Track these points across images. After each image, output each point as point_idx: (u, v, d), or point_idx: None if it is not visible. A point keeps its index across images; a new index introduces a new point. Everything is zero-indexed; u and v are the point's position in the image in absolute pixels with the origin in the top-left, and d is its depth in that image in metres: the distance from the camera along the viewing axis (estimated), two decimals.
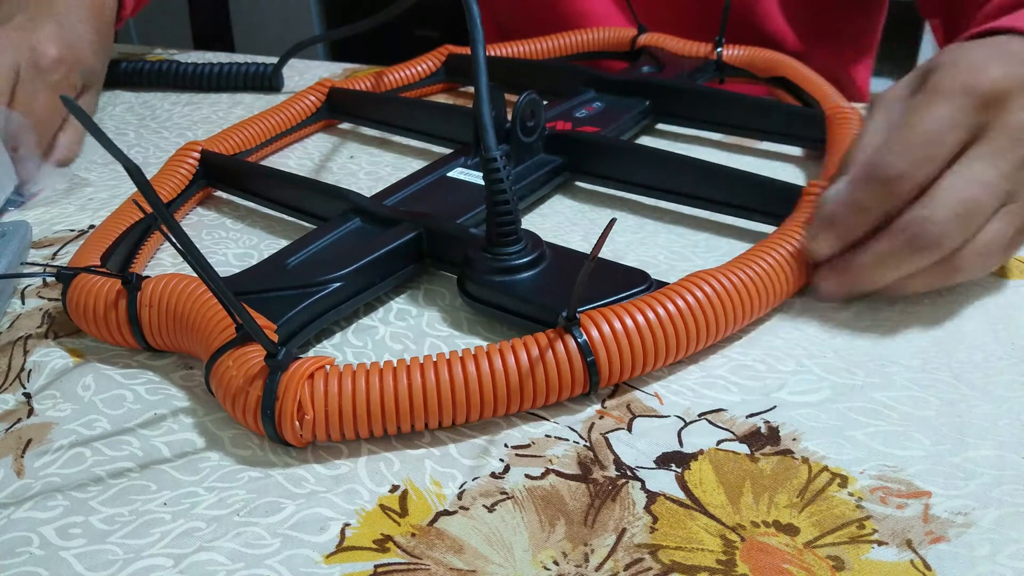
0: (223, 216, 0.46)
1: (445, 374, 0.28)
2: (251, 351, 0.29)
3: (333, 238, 0.38)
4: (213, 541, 0.25)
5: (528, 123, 0.44)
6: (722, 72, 0.60)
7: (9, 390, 0.32)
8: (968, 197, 0.31)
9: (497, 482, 0.27)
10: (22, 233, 0.42)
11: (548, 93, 0.50)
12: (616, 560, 0.24)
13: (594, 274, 0.28)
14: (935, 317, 0.34)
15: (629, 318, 0.30)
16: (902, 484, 0.26)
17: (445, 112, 0.53)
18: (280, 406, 0.27)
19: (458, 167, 0.45)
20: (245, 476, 0.28)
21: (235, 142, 0.50)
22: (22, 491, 0.28)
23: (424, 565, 0.24)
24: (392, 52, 0.73)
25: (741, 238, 0.41)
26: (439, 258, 0.38)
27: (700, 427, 0.29)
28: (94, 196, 0.49)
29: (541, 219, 0.44)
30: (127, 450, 0.29)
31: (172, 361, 0.34)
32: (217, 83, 0.66)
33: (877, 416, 0.29)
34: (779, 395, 0.30)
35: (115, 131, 0.59)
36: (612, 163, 0.45)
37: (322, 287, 0.34)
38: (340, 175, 0.51)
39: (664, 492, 0.26)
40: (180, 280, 0.33)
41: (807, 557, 0.24)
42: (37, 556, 0.25)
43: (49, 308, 0.38)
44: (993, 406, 0.29)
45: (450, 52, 0.63)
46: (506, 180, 0.33)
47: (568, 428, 0.29)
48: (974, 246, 0.32)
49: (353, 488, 0.27)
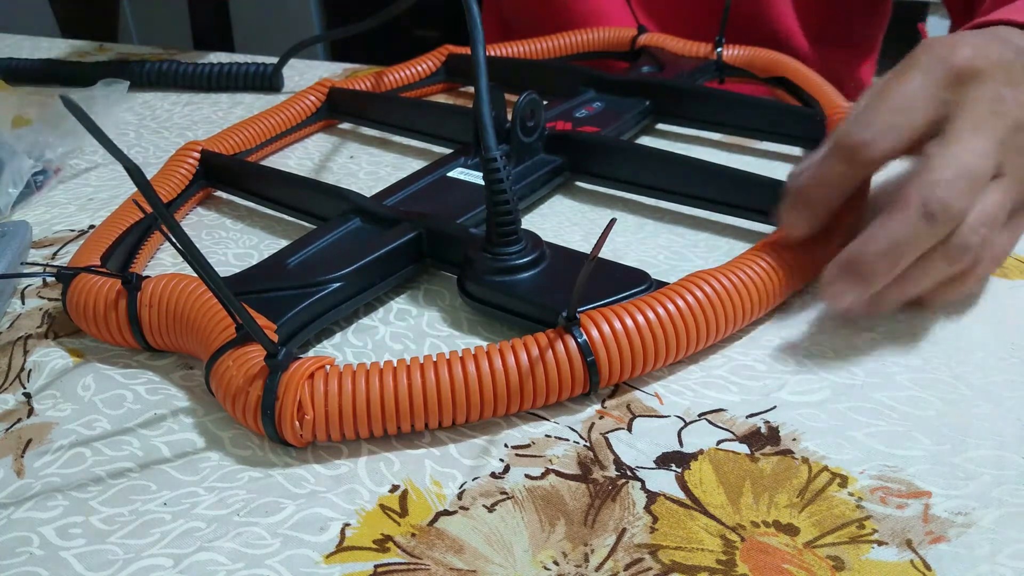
0: (223, 216, 0.46)
1: (445, 374, 0.28)
2: (251, 351, 0.29)
3: (333, 238, 0.38)
4: (213, 541, 0.25)
5: (528, 123, 0.44)
6: (722, 72, 0.60)
7: (9, 390, 0.32)
8: (966, 162, 0.30)
9: (497, 482, 0.27)
10: (22, 233, 0.42)
11: (548, 93, 0.50)
12: (616, 560, 0.24)
13: (594, 274, 0.28)
14: (935, 317, 0.34)
15: (629, 318, 0.30)
16: (902, 484, 0.26)
17: (445, 112, 0.53)
18: (280, 406, 0.27)
19: (458, 167, 0.45)
20: (245, 476, 0.28)
21: (235, 142, 0.50)
22: (22, 491, 0.28)
23: (424, 565, 0.24)
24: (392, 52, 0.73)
25: (741, 238, 0.41)
26: (439, 258, 0.38)
27: (700, 427, 0.29)
28: (94, 196, 0.49)
29: (541, 219, 0.44)
30: (127, 450, 0.29)
31: (172, 361, 0.34)
32: (217, 83, 0.66)
33: (877, 416, 0.29)
34: (779, 395, 0.30)
35: (115, 131, 0.59)
36: (612, 163, 0.45)
37: (322, 287, 0.34)
38: (340, 175, 0.51)
39: (664, 492, 0.26)
40: (180, 280, 0.33)
41: (807, 557, 0.24)
42: (37, 556, 0.25)
43: (49, 308, 0.38)
44: (993, 406, 0.29)
45: (450, 52, 0.63)
46: (506, 180, 0.33)
47: (568, 428, 0.29)
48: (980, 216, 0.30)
49: (353, 488, 0.27)
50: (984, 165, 0.31)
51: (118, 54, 0.80)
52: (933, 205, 0.29)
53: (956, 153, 0.30)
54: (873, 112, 0.32)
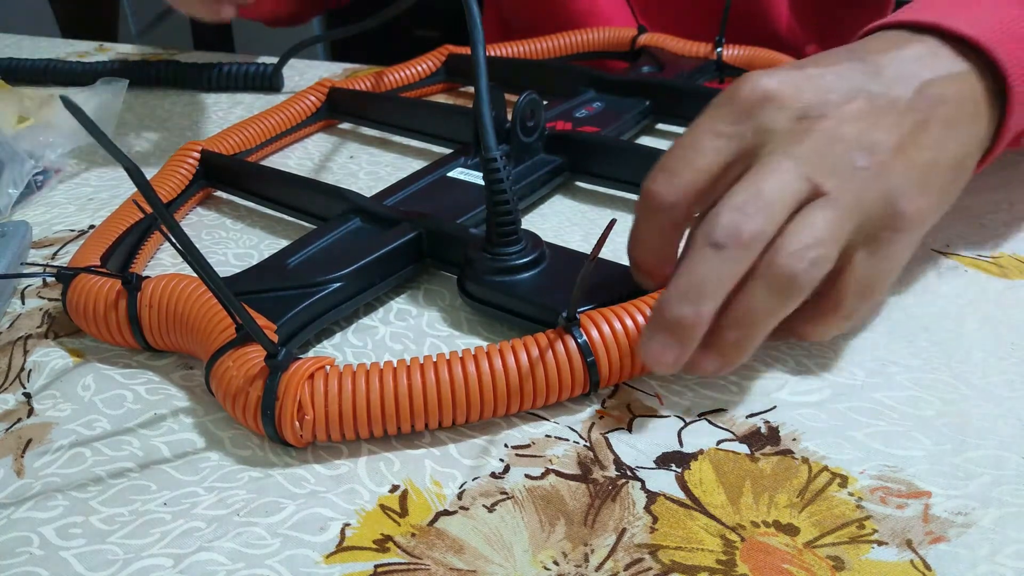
0: (223, 216, 0.46)
1: (445, 374, 0.28)
2: (251, 351, 0.29)
3: (333, 238, 0.38)
4: (213, 541, 0.25)
5: (528, 123, 0.44)
6: (722, 72, 0.60)
7: (9, 390, 0.32)
8: (759, 186, 0.28)
9: (497, 482, 0.27)
10: (22, 233, 0.42)
11: (548, 93, 0.50)
12: (616, 560, 0.24)
13: (594, 274, 0.28)
14: (935, 317, 0.34)
15: (629, 318, 0.30)
16: (902, 484, 0.26)
17: (445, 112, 0.53)
18: (280, 406, 0.27)
19: (458, 167, 0.45)
20: (245, 476, 0.28)
21: (235, 142, 0.50)
22: (22, 491, 0.28)
23: (424, 565, 0.24)
24: (392, 52, 0.73)
25: None
26: (439, 258, 0.38)
27: (700, 427, 0.29)
28: (94, 196, 0.49)
29: (541, 219, 0.44)
30: (127, 450, 0.29)
31: (172, 361, 0.34)
32: (217, 83, 0.66)
33: (877, 416, 0.29)
34: (779, 395, 0.30)
35: (115, 131, 0.58)
36: (612, 163, 0.45)
37: (322, 287, 0.34)
38: (340, 175, 0.51)
39: (664, 492, 0.26)
40: (180, 280, 0.33)
41: (807, 557, 0.24)
42: (37, 556, 0.25)
43: (49, 308, 0.38)
44: (993, 406, 0.29)
45: (450, 52, 0.63)
46: (506, 180, 0.33)
47: (568, 428, 0.29)
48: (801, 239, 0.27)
49: (353, 488, 0.27)
50: (779, 184, 0.28)
51: (118, 54, 0.80)
52: (717, 233, 0.27)
53: (749, 180, 0.28)
54: (663, 161, 0.30)
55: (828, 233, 0.28)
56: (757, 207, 0.27)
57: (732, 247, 0.27)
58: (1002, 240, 0.40)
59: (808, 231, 0.27)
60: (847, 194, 0.28)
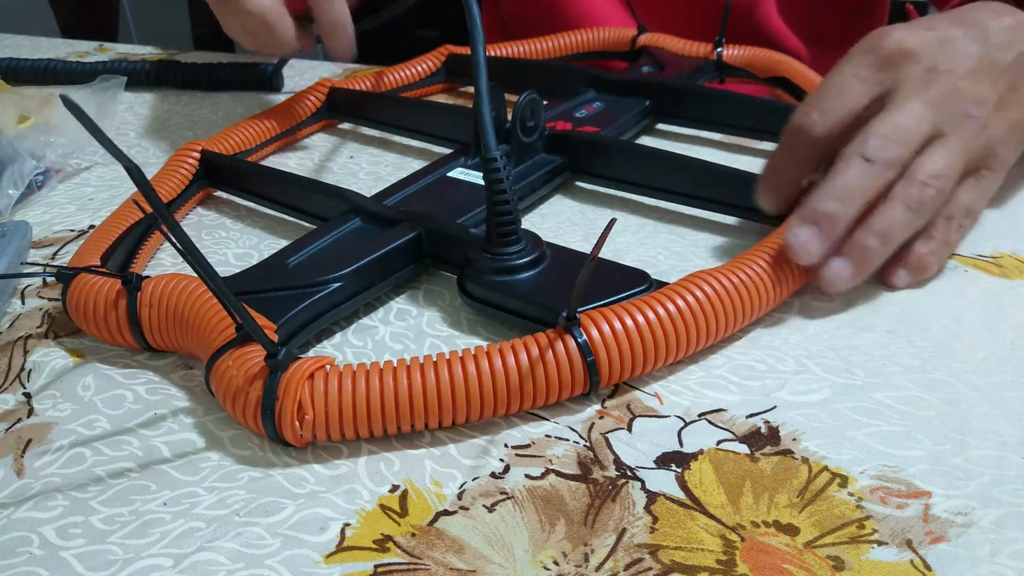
0: (223, 216, 0.46)
1: (445, 374, 0.28)
2: (251, 351, 0.29)
3: (333, 238, 0.38)
4: (213, 541, 0.25)
5: (528, 123, 0.44)
6: (722, 72, 0.60)
7: (9, 390, 0.32)
8: (898, 120, 0.34)
9: (497, 482, 0.27)
10: (22, 233, 0.42)
11: (548, 93, 0.50)
12: (616, 560, 0.24)
13: (594, 274, 0.28)
14: (935, 317, 0.34)
15: (629, 318, 0.30)
16: (902, 484, 0.26)
17: (445, 112, 0.53)
18: (280, 406, 0.27)
19: (458, 167, 0.45)
20: (245, 476, 0.28)
21: (235, 142, 0.50)
22: (22, 491, 0.28)
23: (424, 565, 0.24)
24: (392, 52, 0.73)
25: (741, 238, 0.41)
26: (439, 258, 0.38)
27: (700, 427, 0.29)
28: (94, 196, 0.49)
29: (541, 219, 0.44)
30: (127, 450, 0.29)
31: (172, 361, 0.34)
32: (217, 83, 0.66)
33: (877, 416, 0.29)
34: (779, 395, 0.30)
35: (115, 131, 0.59)
36: (612, 163, 0.45)
37: (322, 287, 0.34)
38: (340, 175, 0.51)
39: (664, 492, 0.26)
40: (180, 280, 0.33)
41: (807, 557, 0.24)
42: (37, 556, 0.25)
43: (49, 308, 0.38)
44: (993, 406, 0.29)
45: (450, 52, 0.63)
46: (506, 180, 0.33)
47: (568, 428, 0.29)
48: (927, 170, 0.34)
49: (353, 488, 0.27)
50: (914, 122, 0.34)
51: (118, 54, 0.80)
52: (868, 151, 0.34)
53: (890, 115, 0.35)
54: (812, 100, 0.37)
55: (948, 169, 0.34)
56: (899, 137, 0.34)
57: (880, 163, 0.33)
58: (1002, 240, 0.40)
59: (934, 165, 0.34)
60: (961, 139, 0.35)
